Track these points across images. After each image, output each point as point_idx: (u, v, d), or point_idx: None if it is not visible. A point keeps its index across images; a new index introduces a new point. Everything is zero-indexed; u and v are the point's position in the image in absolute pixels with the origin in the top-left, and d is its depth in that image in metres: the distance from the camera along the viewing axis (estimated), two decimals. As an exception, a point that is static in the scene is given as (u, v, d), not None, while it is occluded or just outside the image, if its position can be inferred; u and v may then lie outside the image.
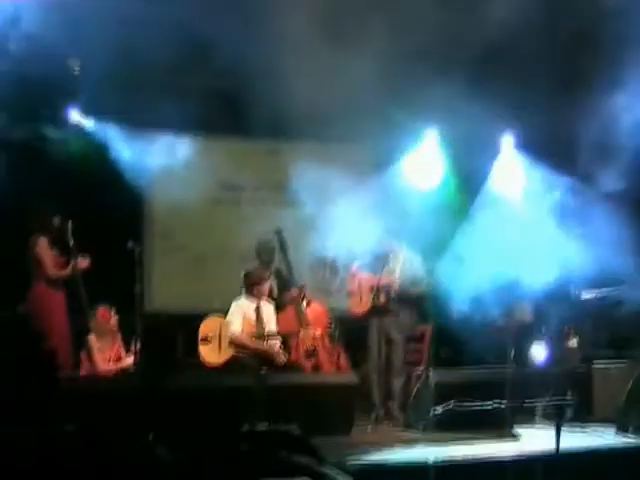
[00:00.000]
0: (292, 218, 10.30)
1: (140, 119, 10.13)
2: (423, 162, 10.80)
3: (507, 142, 11.12)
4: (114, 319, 9.00)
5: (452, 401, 7.85)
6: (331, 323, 10.02)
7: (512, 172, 11.14)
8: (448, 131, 10.61)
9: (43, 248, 8.62)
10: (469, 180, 10.85)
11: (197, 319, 9.62)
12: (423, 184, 10.62)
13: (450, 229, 10.26)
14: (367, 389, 9.07)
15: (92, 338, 8.83)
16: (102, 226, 9.86)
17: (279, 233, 9.88)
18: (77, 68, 9.83)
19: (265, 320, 9.13)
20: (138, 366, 8.82)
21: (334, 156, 10.90)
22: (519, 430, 8.01)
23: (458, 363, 9.68)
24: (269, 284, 9.42)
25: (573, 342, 9.86)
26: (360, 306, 9.32)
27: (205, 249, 11.45)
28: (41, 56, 8.46)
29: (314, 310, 9.67)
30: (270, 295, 9.50)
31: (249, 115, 9.60)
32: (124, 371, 8.86)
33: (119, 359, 8.95)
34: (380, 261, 9.27)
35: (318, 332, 9.32)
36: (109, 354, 8.90)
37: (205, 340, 9.16)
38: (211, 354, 9.11)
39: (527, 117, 10.28)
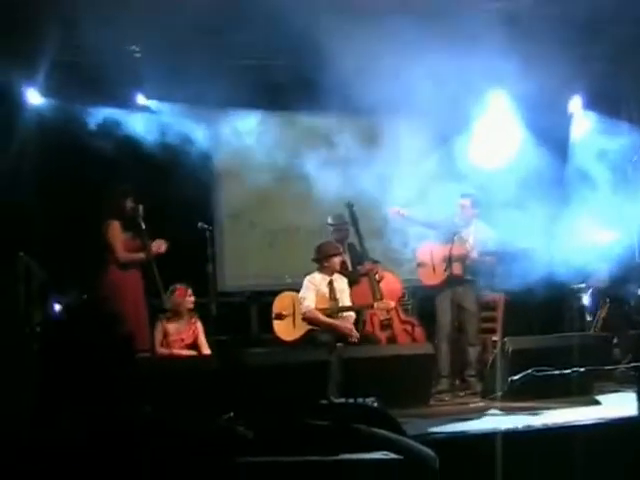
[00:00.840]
0: (361, 192, 10.27)
1: (206, 99, 10.16)
2: (495, 126, 10.67)
3: (576, 103, 10.99)
4: (191, 298, 9.02)
5: (530, 369, 7.77)
6: (405, 295, 10.01)
7: (583, 133, 11.00)
8: (518, 92, 10.46)
9: (115, 232, 8.67)
10: (543, 143, 10.65)
11: (270, 296, 9.68)
12: (496, 150, 10.48)
13: (525, 194, 10.11)
14: (443, 359, 9.03)
15: (168, 319, 8.89)
16: (173, 207, 9.91)
17: (350, 206, 9.84)
18: (140, 51, 9.90)
19: (339, 294, 9.12)
20: (214, 345, 8.93)
21: (402, 127, 10.84)
22: (599, 396, 7.92)
23: (534, 330, 9.63)
24: (342, 258, 9.39)
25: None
26: (433, 277, 9.26)
27: (276, 226, 11.48)
28: (107, 40, 8.55)
29: (388, 282, 9.64)
30: (343, 269, 9.48)
31: (316, 90, 9.56)
32: (200, 350, 8.91)
33: (196, 338, 8.98)
34: (452, 231, 9.19)
35: (392, 304, 9.29)
36: (186, 334, 8.94)
37: (279, 316, 9.20)
38: (285, 330, 9.14)
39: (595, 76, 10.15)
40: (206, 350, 8.89)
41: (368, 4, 9.10)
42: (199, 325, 9.02)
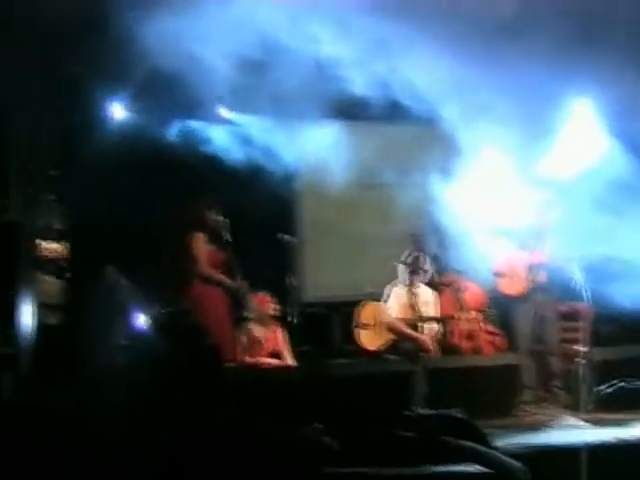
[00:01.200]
0: (442, 200, 10.23)
1: (285, 109, 10.21)
2: (578, 134, 10.54)
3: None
4: (273, 306, 9.06)
5: (617, 380, 7.66)
6: (489, 305, 9.93)
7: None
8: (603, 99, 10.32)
9: (199, 245, 8.75)
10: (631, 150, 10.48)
11: (351, 306, 9.68)
12: (580, 157, 10.34)
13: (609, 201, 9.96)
14: (526, 369, 8.93)
15: (252, 326, 8.94)
16: (256, 219, 9.97)
17: (432, 216, 9.80)
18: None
19: (423, 305, 9.10)
20: (297, 355, 8.96)
21: (480, 136, 10.78)
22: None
23: (620, 340, 9.46)
24: (426, 268, 9.35)
25: None
26: (513, 286, 9.16)
27: (358, 236, 11.48)
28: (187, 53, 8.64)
29: (471, 292, 9.59)
30: (427, 279, 9.44)
31: (392, 100, 9.55)
32: (284, 358, 8.96)
33: (279, 345, 9.02)
34: (532, 239, 9.09)
35: (476, 315, 9.24)
36: (270, 341, 8.99)
37: (362, 326, 9.21)
38: (369, 339, 9.16)
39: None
40: (289, 358, 8.94)
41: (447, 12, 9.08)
42: (281, 333, 9.07)
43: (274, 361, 8.87)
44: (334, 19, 8.71)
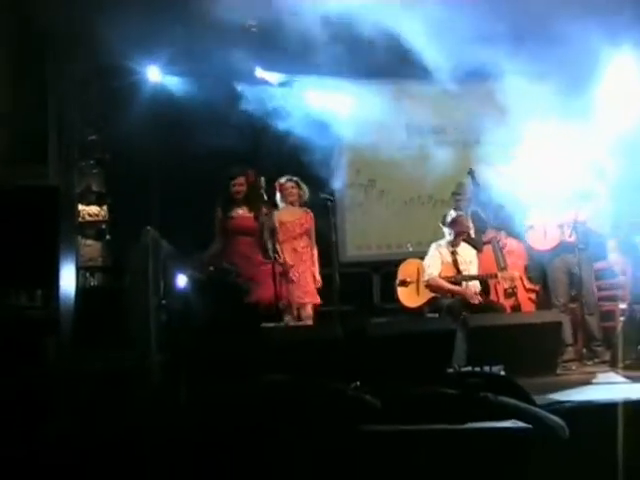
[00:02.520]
0: (482, 159, 10.17)
1: (325, 70, 10.19)
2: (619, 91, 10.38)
3: None
4: (298, 190, 9.09)
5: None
6: (528, 263, 9.87)
7: None
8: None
9: (218, 214, 8.79)
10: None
11: (393, 265, 9.68)
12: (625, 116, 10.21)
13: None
14: (565, 327, 8.87)
15: (282, 212, 8.98)
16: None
17: (472, 173, 9.75)
18: (255, 26, 9.96)
19: (464, 264, 9.08)
20: (338, 315, 8.97)
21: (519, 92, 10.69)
22: None
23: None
24: (467, 226, 9.30)
25: None
26: (544, 241, 9.10)
27: (399, 195, 11.46)
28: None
29: (512, 250, 9.55)
30: (468, 237, 9.41)
31: (430, 60, 9.48)
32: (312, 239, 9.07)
33: (308, 226, 9.07)
34: (571, 197, 9.00)
35: (517, 274, 9.20)
36: (299, 225, 9.03)
37: (403, 283, 9.21)
38: (409, 297, 9.16)
39: None
40: (314, 244, 9.05)
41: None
42: (311, 215, 9.10)
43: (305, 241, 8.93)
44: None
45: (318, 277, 8.96)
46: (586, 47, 9.24)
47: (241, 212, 8.81)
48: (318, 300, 8.88)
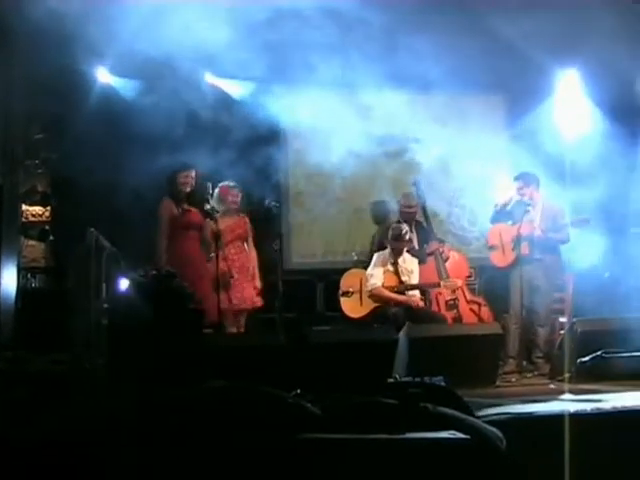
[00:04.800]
0: (428, 169, 10.24)
1: (274, 76, 10.19)
2: (565, 106, 10.57)
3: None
4: (237, 198, 9.17)
5: (600, 351, 7.69)
6: (471, 274, 9.95)
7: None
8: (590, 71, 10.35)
9: (164, 211, 8.77)
10: (615, 121, 10.49)
11: (338, 273, 9.69)
12: (566, 129, 10.37)
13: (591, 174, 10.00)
14: (512, 339, 8.94)
15: (220, 217, 8.92)
16: (244, 185, 9.95)
17: (417, 184, 9.81)
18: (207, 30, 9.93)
19: (406, 274, 9.11)
20: (281, 322, 8.97)
21: (471, 106, 10.80)
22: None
23: (602, 311, 9.50)
24: (410, 237, 9.33)
25: None
26: (503, 258, 9.15)
27: (345, 204, 11.46)
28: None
29: (454, 262, 9.61)
30: (410, 248, 9.44)
31: (388, 69, 9.53)
32: (249, 244, 9.11)
33: (246, 233, 9.16)
34: (520, 210, 9.08)
35: (459, 283, 9.25)
36: (239, 228, 9.11)
37: (346, 293, 9.21)
38: (352, 308, 9.17)
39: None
40: (252, 246, 9.08)
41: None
42: (248, 221, 9.14)
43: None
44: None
45: (257, 283, 8.95)
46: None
47: (187, 207, 8.81)
48: (258, 304, 8.89)
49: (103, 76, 10.27)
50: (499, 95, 11.56)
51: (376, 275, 9.04)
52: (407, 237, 9.18)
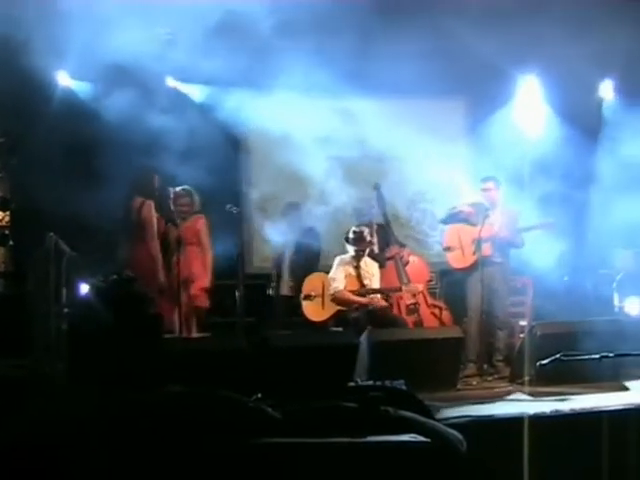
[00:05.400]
0: (387, 173, 10.28)
1: (233, 81, 10.19)
2: (524, 110, 10.69)
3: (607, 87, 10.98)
4: (194, 199, 9.24)
5: (559, 354, 7.73)
6: (432, 278, 9.98)
7: (612, 116, 10.98)
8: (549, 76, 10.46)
9: (149, 212, 8.75)
10: (574, 127, 10.59)
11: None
12: (525, 133, 10.47)
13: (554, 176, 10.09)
14: (472, 343, 8.98)
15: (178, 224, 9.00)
16: (203, 189, 9.93)
17: (378, 189, 9.83)
18: (167, 35, 9.90)
19: (367, 278, 9.12)
20: (242, 325, 8.97)
21: (431, 110, 10.86)
22: (627, 382, 7.89)
23: (561, 315, 9.57)
24: (370, 241, 9.34)
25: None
26: (462, 260, 9.18)
27: (306, 209, 11.45)
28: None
29: (415, 266, 9.64)
30: (371, 252, 9.47)
31: (344, 72, 9.55)
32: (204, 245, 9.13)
33: (199, 231, 9.19)
34: (480, 213, 9.12)
35: (420, 288, 9.28)
36: (189, 232, 9.11)
37: (308, 297, 9.21)
38: (315, 311, 9.16)
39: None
40: (208, 246, 9.12)
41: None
42: (204, 222, 9.19)
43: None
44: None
45: (206, 283, 8.99)
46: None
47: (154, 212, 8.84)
48: (205, 304, 8.93)
49: (64, 80, 10.20)
50: (459, 99, 11.63)
51: (338, 279, 9.05)
52: (368, 239, 9.20)
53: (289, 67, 9.53)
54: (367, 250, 9.23)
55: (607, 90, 11.08)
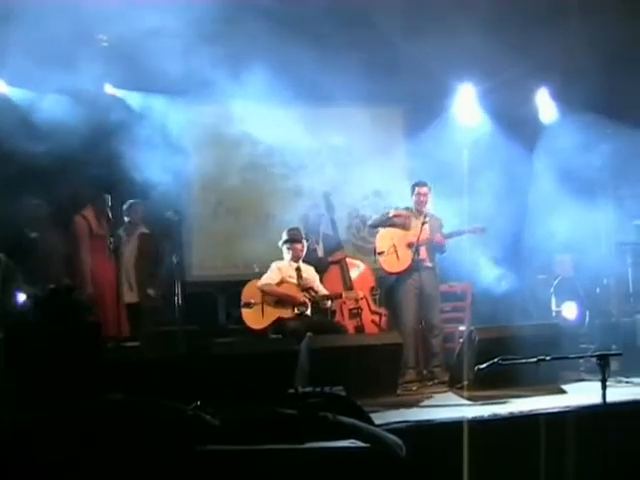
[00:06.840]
0: (327, 180, 10.31)
1: (176, 89, 10.17)
2: (461, 118, 10.80)
3: (543, 95, 11.12)
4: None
5: (497, 358, 7.80)
6: (375, 285, 10.00)
7: (549, 124, 11.13)
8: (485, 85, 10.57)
9: (82, 223, 8.72)
10: (510, 135, 10.71)
11: (239, 285, 9.66)
12: (461, 140, 10.57)
13: (488, 184, 10.18)
14: (409, 349, 8.99)
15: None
16: (145, 197, 9.87)
17: (327, 196, 9.86)
18: (105, 41, 9.84)
19: (307, 281, 9.12)
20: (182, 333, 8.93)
21: (370, 118, 10.90)
22: (564, 385, 7.98)
23: (499, 319, 9.65)
24: (303, 245, 9.31)
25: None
26: (397, 265, 9.18)
27: (246, 215, 11.44)
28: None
29: (360, 272, 9.67)
30: (314, 255, 9.51)
31: (284, 81, 9.56)
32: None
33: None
34: (414, 217, 9.18)
35: (361, 294, 9.30)
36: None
37: (248, 305, 9.18)
38: (254, 319, 9.11)
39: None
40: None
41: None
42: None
43: None
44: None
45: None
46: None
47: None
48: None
49: (1, 87, 10.08)
50: (397, 108, 11.71)
51: (270, 276, 9.05)
52: (300, 244, 9.18)
53: (224, 75, 9.52)
54: (304, 252, 9.22)
55: (544, 98, 11.19)
